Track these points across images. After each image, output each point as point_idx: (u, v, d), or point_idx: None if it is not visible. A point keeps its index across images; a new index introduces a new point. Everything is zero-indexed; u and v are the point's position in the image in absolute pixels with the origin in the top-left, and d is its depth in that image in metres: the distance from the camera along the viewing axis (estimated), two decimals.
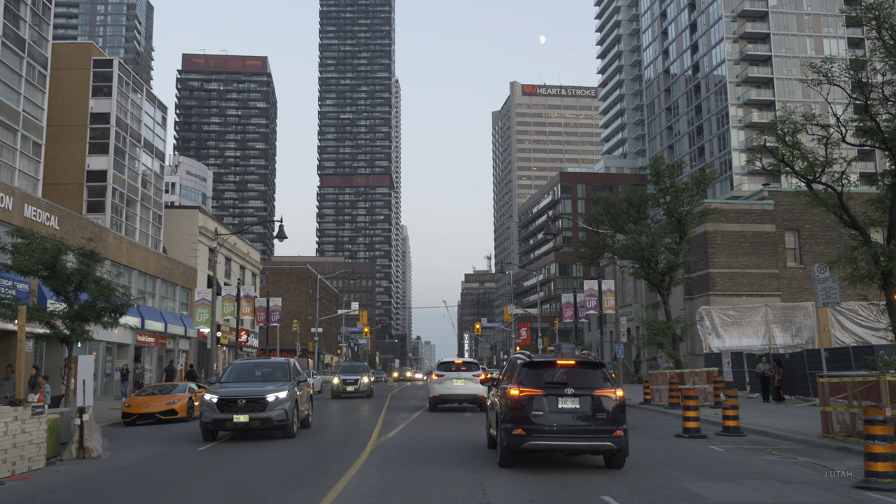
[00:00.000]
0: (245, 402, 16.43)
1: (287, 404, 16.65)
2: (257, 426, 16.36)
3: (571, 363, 12.01)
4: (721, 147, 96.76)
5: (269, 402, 16.42)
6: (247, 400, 16.45)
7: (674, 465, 12.51)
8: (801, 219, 45.30)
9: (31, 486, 11.08)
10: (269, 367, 19.02)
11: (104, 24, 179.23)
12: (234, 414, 16.31)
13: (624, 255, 31.71)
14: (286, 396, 16.74)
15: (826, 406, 16.17)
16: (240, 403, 16.38)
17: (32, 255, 22.07)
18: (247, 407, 16.40)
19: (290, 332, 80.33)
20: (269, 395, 16.50)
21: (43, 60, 34.87)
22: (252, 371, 18.83)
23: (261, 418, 16.26)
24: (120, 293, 24.67)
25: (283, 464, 12.90)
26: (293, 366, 19.07)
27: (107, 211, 39.41)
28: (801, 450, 14.79)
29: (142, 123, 44.90)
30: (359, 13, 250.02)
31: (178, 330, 45.82)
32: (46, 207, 31.42)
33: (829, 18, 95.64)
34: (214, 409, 16.46)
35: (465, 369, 26.39)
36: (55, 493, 10.51)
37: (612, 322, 57.62)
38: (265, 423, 16.37)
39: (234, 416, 16.30)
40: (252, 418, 16.27)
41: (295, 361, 19.95)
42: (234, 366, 19.26)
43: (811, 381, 27.36)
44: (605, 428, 11.40)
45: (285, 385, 17.18)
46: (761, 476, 11.41)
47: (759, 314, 35.68)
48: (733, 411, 17.79)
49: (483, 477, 11.15)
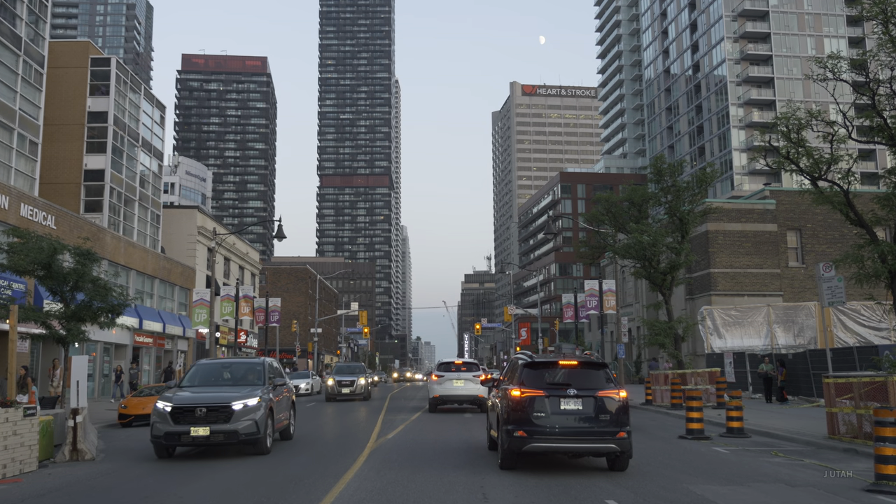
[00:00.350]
0: (205, 412, 13.56)
1: (258, 413, 13.89)
2: (220, 441, 13.55)
3: (574, 363, 11.77)
4: (721, 147, 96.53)
5: (236, 411, 13.64)
6: (208, 409, 13.60)
7: (678, 468, 12.26)
8: (803, 218, 45.07)
9: (20, 490, 10.82)
10: (241, 368, 16.16)
11: (103, 24, 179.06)
12: (191, 426, 13.43)
13: (625, 255, 31.46)
14: (257, 404, 13.94)
15: (832, 407, 15.93)
16: (199, 413, 13.54)
17: (28, 255, 21.84)
18: (208, 417, 13.55)
19: (289, 332, 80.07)
20: (235, 403, 13.70)
21: (40, 58, 34.63)
22: (219, 373, 16.00)
23: (225, 431, 13.45)
24: (117, 293, 24.45)
25: (274, 470, 12.65)
26: (269, 366, 16.15)
27: (104, 210, 39.16)
28: (807, 451, 14.54)
29: (140, 122, 44.66)
30: (358, 13, 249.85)
31: (176, 330, 45.58)
32: (43, 207, 31.17)
33: (829, 18, 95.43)
34: (167, 421, 13.59)
35: (466, 370, 26.13)
36: (44, 497, 10.25)
37: (612, 322, 57.37)
38: (230, 438, 13.55)
39: (191, 429, 13.40)
40: (214, 431, 13.42)
41: (273, 361, 17.00)
42: (197, 366, 16.32)
43: (815, 382, 27.12)
44: (608, 430, 11.16)
45: (257, 390, 14.50)
46: (768, 479, 11.16)
47: (761, 314, 35.42)
48: (737, 412, 17.53)
49: (484, 480, 10.90)
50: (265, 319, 53.02)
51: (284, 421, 16.28)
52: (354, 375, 34.53)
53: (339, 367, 36.50)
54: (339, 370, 35.83)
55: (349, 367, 36.41)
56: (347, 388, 33.79)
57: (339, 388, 33.82)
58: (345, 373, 35.12)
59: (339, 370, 35.79)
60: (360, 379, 34.28)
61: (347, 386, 33.80)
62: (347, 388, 33.79)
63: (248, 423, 13.67)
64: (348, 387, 33.79)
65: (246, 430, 13.64)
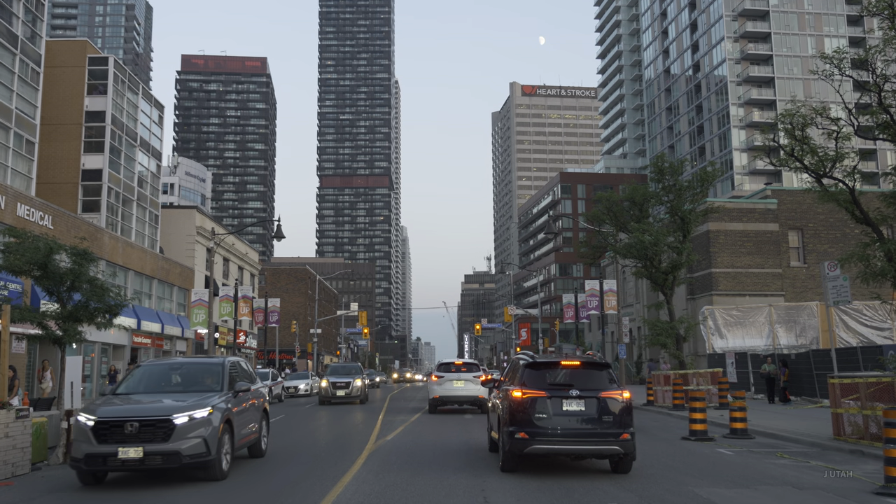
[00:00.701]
0: (138, 428, 10.48)
1: (208, 429, 10.78)
2: (158, 464, 10.51)
3: (576, 364, 11.56)
4: (722, 147, 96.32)
5: (178, 426, 10.56)
6: (141, 423, 10.52)
7: (682, 470, 12.03)
8: (805, 218, 44.87)
9: (11, 494, 10.59)
10: (194, 370, 12.96)
11: (103, 24, 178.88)
12: (119, 446, 10.43)
13: (626, 255, 31.25)
14: (206, 417, 10.86)
15: (837, 408, 15.70)
16: (129, 429, 10.49)
17: (24, 255, 21.62)
18: (141, 435, 10.48)
19: (289, 333, 79.88)
20: (177, 416, 10.63)
21: (36, 57, 34.40)
22: (167, 376, 12.86)
23: (163, 452, 10.43)
24: (114, 293, 24.23)
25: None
26: (231, 368, 12.94)
27: (102, 210, 38.94)
28: (813, 453, 14.32)
29: (138, 122, 44.43)
30: (358, 14, 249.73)
31: (174, 331, 45.35)
32: (40, 206, 30.95)
33: (830, 17, 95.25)
34: (90, 440, 10.58)
35: (466, 370, 25.91)
36: (34, 502, 10.02)
37: (613, 322, 57.16)
38: (170, 460, 10.51)
39: (119, 450, 10.40)
40: (149, 453, 10.41)
41: (241, 361, 14.09)
42: (142, 368, 13.18)
43: (818, 382, 26.89)
44: (611, 431, 10.94)
45: (211, 398, 11.39)
46: (775, 481, 10.93)
47: (763, 314, 35.21)
48: (741, 413, 17.30)
49: (485, 483, 10.68)
50: (264, 320, 52.84)
51: (251, 435, 13.13)
52: (350, 377, 32.23)
53: (333, 368, 33.96)
54: (333, 371, 33.39)
55: (345, 368, 33.90)
56: (343, 391, 31.56)
57: (333, 391, 31.60)
58: (340, 374, 32.77)
59: (334, 371, 33.37)
60: (356, 380, 32.00)
61: (343, 388, 31.57)
62: (343, 391, 31.56)
63: (193, 443, 10.62)
64: (343, 388, 31.57)
65: (191, 450, 10.58)
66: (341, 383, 31.63)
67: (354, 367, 33.95)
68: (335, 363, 38.16)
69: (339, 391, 31.52)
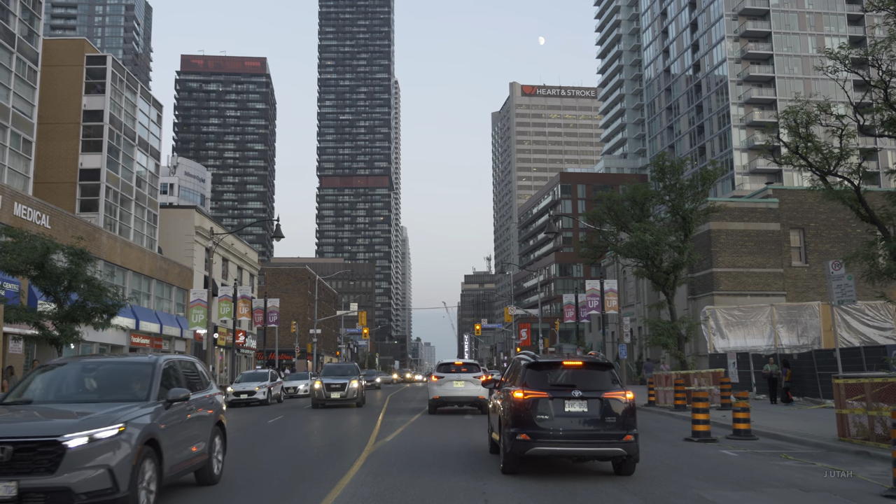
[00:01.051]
0: (11, 453, 7.30)
1: (117, 454, 7.66)
2: None
3: (578, 364, 11.35)
4: (722, 146, 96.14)
5: (71, 450, 7.37)
6: (15, 447, 7.33)
7: (686, 472, 11.84)
8: (807, 217, 44.68)
9: None
10: (115, 372, 9.68)
11: (102, 24, 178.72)
12: None
13: (628, 254, 31.05)
14: (114, 437, 7.71)
15: (842, 408, 15.50)
16: None
17: (21, 254, 21.44)
18: (16, 464, 7.31)
19: (288, 333, 79.69)
20: (70, 438, 7.43)
21: (34, 56, 34.21)
22: (78, 380, 9.56)
23: (47, 489, 7.25)
24: (111, 293, 24.04)
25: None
26: (167, 370, 9.68)
27: (100, 210, 38.74)
28: (818, 454, 14.13)
29: (136, 121, 44.24)
30: (358, 14, 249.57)
31: (173, 331, 45.16)
32: (37, 206, 30.75)
33: (830, 17, 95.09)
34: None
35: (466, 371, 25.69)
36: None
37: (613, 323, 56.95)
38: (57, 498, 7.29)
39: None
40: (25, 491, 7.22)
41: (185, 361, 10.77)
42: (45, 370, 9.79)
43: (821, 382, 26.70)
44: (614, 433, 10.74)
45: (129, 410, 8.32)
46: (781, 484, 10.73)
47: (765, 314, 35.02)
48: (744, 414, 17.10)
49: (486, 485, 10.48)
50: (264, 320, 52.62)
51: (196, 458, 10.01)
52: (346, 378, 30.27)
53: (328, 368, 32.18)
54: (328, 371, 31.59)
55: (340, 368, 31.98)
56: (337, 393, 29.55)
57: (327, 393, 29.55)
58: (335, 374, 30.90)
59: (329, 371, 31.56)
60: (352, 382, 29.94)
61: (337, 390, 29.56)
62: (337, 393, 29.55)
63: (94, 474, 7.45)
64: (339, 391, 29.57)
65: (89, 485, 7.41)
66: (336, 385, 29.71)
67: (351, 368, 32.00)
68: (330, 364, 34.52)
69: (334, 393, 29.59)
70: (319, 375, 31.92)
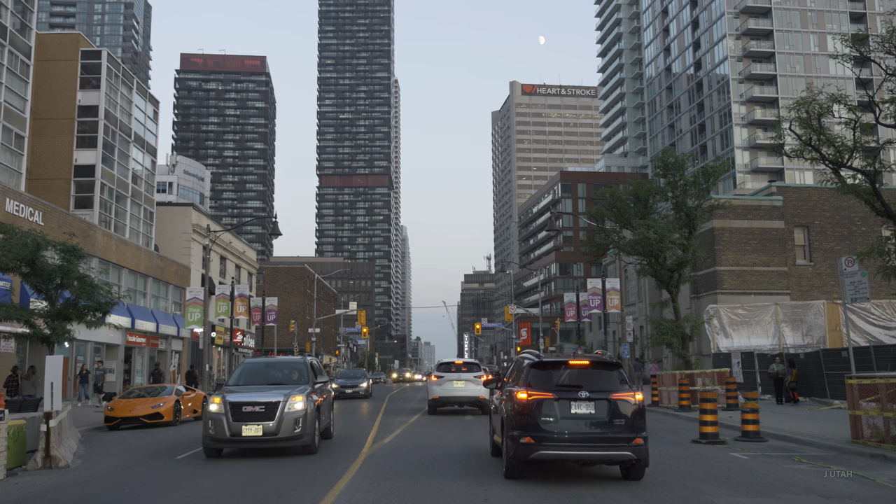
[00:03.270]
0: None
1: None
2: None
3: (585, 363, 10.80)
4: (724, 145, 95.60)
5: None
6: None
7: (698, 477, 11.31)
8: (811, 215, 44.15)
9: None
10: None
11: (101, 23, 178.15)
12: None
13: (631, 252, 30.52)
14: None
15: (855, 409, 14.98)
16: None
17: (12, 251, 20.91)
18: None
19: (287, 332, 79.10)
20: None
21: (26, 50, 33.67)
22: None
23: None
24: (104, 291, 23.48)
25: (263, 476, 11.68)
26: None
27: (95, 207, 38.20)
28: (831, 457, 13.60)
29: (132, 117, 43.67)
30: (358, 13, 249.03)
31: (170, 330, 44.63)
32: (30, 202, 30.22)
33: (832, 14, 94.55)
34: None
35: (466, 370, 25.17)
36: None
37: (615, 322, 56.44)
38: None
39: None
40: None
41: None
42: None
43: (828, 382, 26.19)
44: (623, 436, 10.20)
45: None
46: (797, 489, 10.20)
47: (769, 313, 34.50)
48: (753, 415, 16.54)
49: (488, 491, 9.95)
50: (262, 319, 52.06)
51: None
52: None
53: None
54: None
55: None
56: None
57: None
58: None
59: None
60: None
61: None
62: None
63: None
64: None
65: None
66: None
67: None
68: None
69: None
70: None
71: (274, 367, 15.50)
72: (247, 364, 15.70)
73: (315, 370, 15.59)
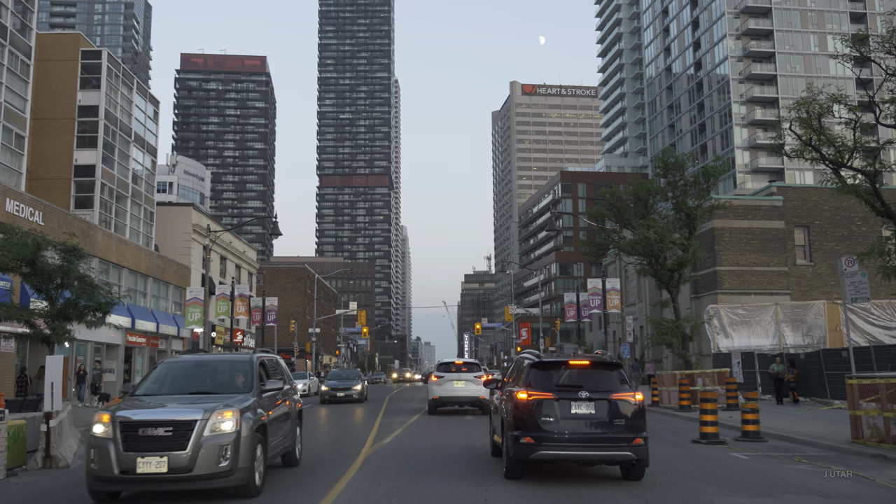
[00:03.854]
0: None
1: None
2: None
3: (585, 363, 10.81)
4: (724, 145, 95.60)
5: None
6: None
7: (698, 477, 11.31)
8: (811, 215, 44.14)
9: None
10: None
11: (102, 23, 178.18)
12: None
13: (631, 252, 30.51)
14: None
15: (856, 409, 14.98)
16: None
17: (12, 251, 20.91)
18: None
19: (287, 332, 79.12)
20: None
21: (27, 49, 33.67)
22: None
23: None
24: (104, 291, 23.48)
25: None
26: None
27: (95, 207, 38.20)
28: (832, 457, 13.61)
29: (132, 117, 43.68)
30: (358, 13, 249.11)
31: (170, 330, 44.63)
32: (30, 202, 30.22)
33: (833, 14, 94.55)
34: None
35: (466, 370, 25.17)
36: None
37: (615, 322, 56.44)
38: None
39: None
40: None
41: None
42: None
43: (828, 383, 26.19)
44: (623, 436, 10.21)
45: None
46: (797, 489, 10.20)
47: (769, 313, 34.49)
48: (753, 415, 16.55)
49: (488, 491, 9.95)
50: (262, 319, 52.09)
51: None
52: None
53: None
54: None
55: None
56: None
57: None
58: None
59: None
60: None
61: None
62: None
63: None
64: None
65: None
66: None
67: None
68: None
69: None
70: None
71: (206, 369, 11.19)
72: (168, 365, 11.28)
73: (269, 371, 11.55)
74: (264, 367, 11.49)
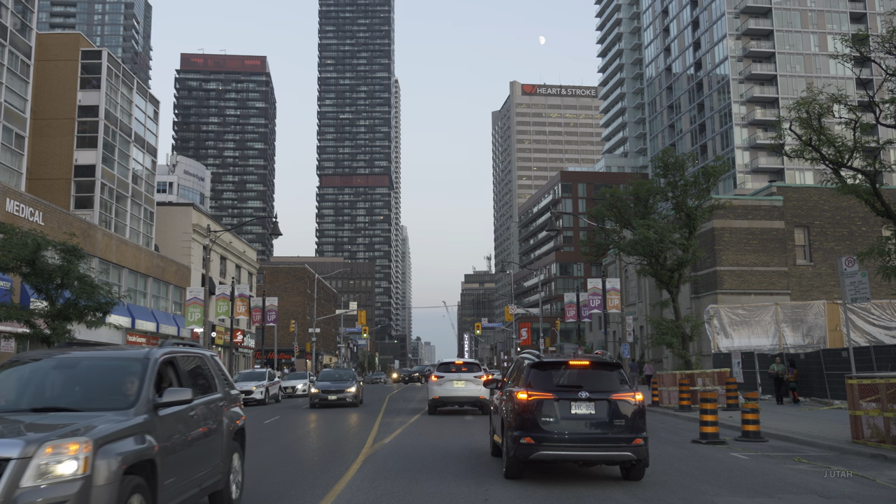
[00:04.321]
0: None
1: None
2: None
3: (585, 363, 10.81)
4: (724, 145, 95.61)
5: None
6: None
7: (698, 477, 11.31)
8: (811, 215, 44.14)
9: None
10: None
11: (102, 23, 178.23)
12: None
13: (631, 252, 30.51)
14: None
15: (856, 409, 14.98)
16: None
17: (12, 251, 20.92)
18: None
19: (287, 332, 79.12)
20: None
21: (27, 49, 33.67)
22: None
23: None
24: (104, 291, 23.49)
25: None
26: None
27: (95, 207, 38.21)
28: (832, 457, 13.60)
29: (132, 117, 43.69)
30: (358, 13, 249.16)
31: (170, 330, 44.64)
32: (30, 202, 30.22)
33: (833, 14, 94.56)
34: None
35: (466, 370, 25.17)
36: None
37: (615, 322, 56.44)
38: None
39: None
40: None
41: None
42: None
43: (829, 383, 26.19)
44: (623, 436, 10.22)
45: None
46: (798, 489, 10.21)
47: (769, 313, 34.48)
48: (753, 415, 16.54)
49: (488, 491, 9.95)
50: (262, 319, 52.12)
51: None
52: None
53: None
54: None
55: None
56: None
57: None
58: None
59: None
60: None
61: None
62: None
63: None
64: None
65: None
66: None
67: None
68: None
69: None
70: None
71: (70, 374, 7.20)
72: (15, 368, 7.28)
73: (180, 375, 7.64)
74: (173, 368, 7.58)
